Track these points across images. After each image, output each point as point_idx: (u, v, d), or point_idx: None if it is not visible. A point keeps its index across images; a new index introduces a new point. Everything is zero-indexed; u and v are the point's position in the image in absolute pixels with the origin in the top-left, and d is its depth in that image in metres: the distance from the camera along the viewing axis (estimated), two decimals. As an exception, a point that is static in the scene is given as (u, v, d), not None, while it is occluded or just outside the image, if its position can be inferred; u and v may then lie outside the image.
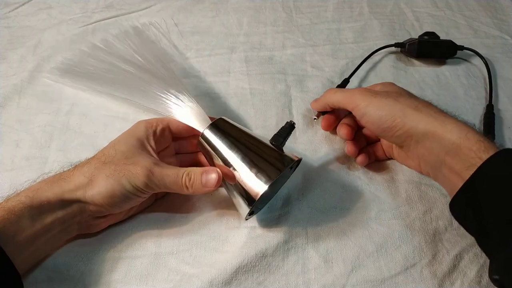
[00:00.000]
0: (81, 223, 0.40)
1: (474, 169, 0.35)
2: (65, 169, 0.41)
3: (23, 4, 0.74)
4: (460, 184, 0.36)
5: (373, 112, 0.42)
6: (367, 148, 0.49)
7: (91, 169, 0.39)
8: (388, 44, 0.62)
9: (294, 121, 0.43)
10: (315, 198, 0.45)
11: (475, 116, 0.54)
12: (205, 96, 0.56)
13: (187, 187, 0.39)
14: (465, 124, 0.38)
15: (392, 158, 0.49)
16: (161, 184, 0.39)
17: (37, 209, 0.36)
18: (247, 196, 0.39)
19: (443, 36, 0.61)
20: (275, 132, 0.43)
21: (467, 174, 0.35)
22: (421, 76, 0.60)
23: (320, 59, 0.62)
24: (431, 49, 0.60)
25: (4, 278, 0.33)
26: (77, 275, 0.40)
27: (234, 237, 0.42)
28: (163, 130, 0.44)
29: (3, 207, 0.36)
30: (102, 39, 0.62)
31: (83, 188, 0.38)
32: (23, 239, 0.35)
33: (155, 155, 0.41)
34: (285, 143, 0.42)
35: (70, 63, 0.59)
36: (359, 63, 0.60)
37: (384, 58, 0.62)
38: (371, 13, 0.70)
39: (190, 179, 0.39)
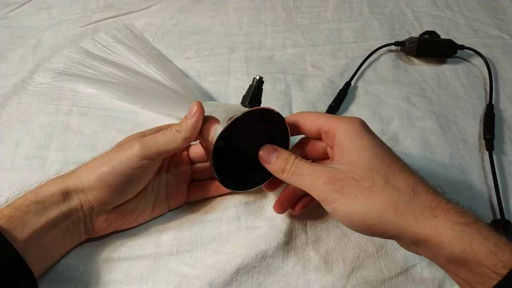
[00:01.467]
0: (86, 223, 0.39)
1: (492, 284, 0.27)
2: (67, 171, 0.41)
3: (23, 4, 0.74)
4: None
5: (343, 216, 0.33)
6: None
7: (93, 161, 0.39)
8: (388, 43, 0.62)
9: (262, 76, 0.41)
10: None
11: (475, 116, 0.54)
12: (205, 96, 0.56)
13: (178, 131, 0.38)
14: (465, 223, 0.29)
15: None
16: (156, 144, 0.38)
17: (41, 204, 0.36)
18: (212, 148, 0.37)
19: (443, 36, 0.61)
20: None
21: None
22: (421, 76, 0.59)
23: (320, 58, 0.62)
24: (431, 48, 0.60)
25: (17, 276, 0.33)
26: (76, 275, 0.40)
27: (234, 238, 0.42)
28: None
29: (11, 206, 0.36)
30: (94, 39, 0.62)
31: (81, 176, 0.38)
32: (30, 235, 0.35)
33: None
34: (257, 100, 0.40)
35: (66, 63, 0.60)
36: (359, 62, 0.60)
37: (385, 57, 0.62)
38: (371, 13, 0.70)
39: (178, 125, 0.39)
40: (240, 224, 0.43)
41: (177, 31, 0.67)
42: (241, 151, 0.39)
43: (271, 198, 0.45)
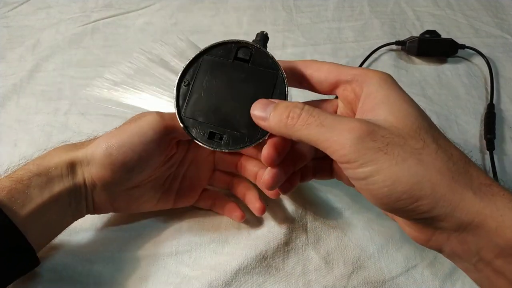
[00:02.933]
0: (87, 200, 0.37)
1: None
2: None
3: (22, 4, 0.73)
4: None
5: (382, 184, 0.25)
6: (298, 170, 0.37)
7: (106, 134, 0.36)
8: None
9: (267, 31, 0.37)
10: (315, 199, 0.45)
11: (476, 116, 0.54)
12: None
13: None
14: None
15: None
16: (174, 116, 0.34)
17: (45, 177, 0.34)
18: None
19: (444, 35, 0.61)
20: None
21: None
22: (422, 75, 0.59)
23: (320, 58, 0.61)
24: (432, 47, 0.60)
25: (18, 253, 0.32)
26: (75, 275, 0.39)
27: (234, 239, 0.42)
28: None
29: (11, 177, 0.33)
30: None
31: (87, 148, 0.35)
32: (32, 209, 0.33)
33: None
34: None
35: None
36: (360, 62, 0.60)
37: (385, 56, 0.62)
38: (372, 12, 0.70)
39: None
40: (240, 225, 0.43)
41: (176, 30, 0.67)
42: (217, 98, 0.33)
43: (271, 199, 0.45)
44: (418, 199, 0.24)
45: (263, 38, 0.36)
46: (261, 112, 0.31)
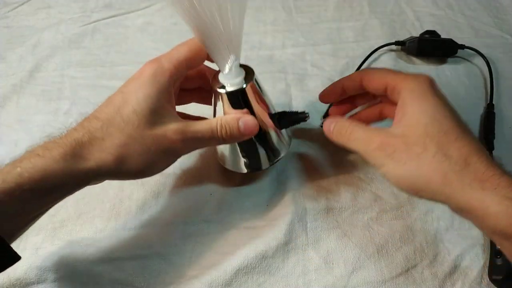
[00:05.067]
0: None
1: None
2: (76, 136, 0.33)
3: (22, 4, 0.73)
4: None
5: (392, 181, 0.33)
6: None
7: (114, 145, 0.33)
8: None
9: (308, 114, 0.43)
10: (315, 199, 0.45)
11: (476, 116, 0.54)
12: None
13: (224, 139, 0.37)
14: None
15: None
16: (196, 144, 0.38)
17: (46, 190, 0.31)
18: (272, 152, 0.43)
19: (444, 36, 0.61)
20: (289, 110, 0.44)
21: None
22: (421, 76, 0.59)
23: (320, 58, 0.62)
24: (432, 47, 0.60)
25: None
26: (75, 275, 0.40)
27: (234, 238, 0.42)
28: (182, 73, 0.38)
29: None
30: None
31: (109, 166, 0.33)
32: (27, 220, 0.32)
33: (174, 111, 0.37)
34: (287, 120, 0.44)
35: None
36: (359, 62, 0.60)
37: (385, 57, 0.62)
38: (372, 12, 0.70)
39: (227, 131, 0.37)
40: (240, 224, 0.43)
41: (176, 30, 0.67)
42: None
43: (271, 198, 0.45)
44: (419, 191, 0.32)
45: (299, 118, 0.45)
46: (327, 125, 0.39)
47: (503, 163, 0.48)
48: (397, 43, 0.62)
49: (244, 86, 0.38)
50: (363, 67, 0.60)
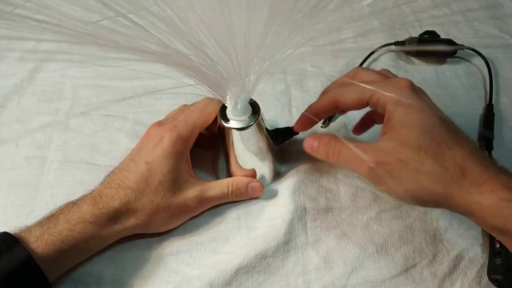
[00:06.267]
0: None
1: None
2: (116, 207, 0.38)
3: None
4: None
5: (394, 196, 0.36)
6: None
7: (145, 214, 0.39)
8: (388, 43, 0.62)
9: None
10: (314, 198, 0.45)
11: (475, 116, 0.54)
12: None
13: (233, 200, 0.44)
14: (510, 200, 0.30)
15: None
16: (209, 205, 0.44)
17: (89, 250, 0.39)
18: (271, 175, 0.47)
19: (443, 36, 0.61)
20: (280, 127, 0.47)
21: None
22: (421, 75, 0.59)
23: (320, 58, 0.62)
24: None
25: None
26: (75, 276, 0.40)
27: (234, 238, 0.42)
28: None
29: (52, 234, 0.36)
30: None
31: (139, 229, 0.40)
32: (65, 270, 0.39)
33: (190, 170, 0.43)
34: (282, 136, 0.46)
35: None
36: (359, 62, 0.60)
37: (384, 57, 0.62)
38: (371, 12, 0.70)
39: (236, 195, 0.43)
40: (240, 224, 0.43)
41: (177, 30, 0.67)
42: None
43: (271, 198, 0.45)
44: (422, 203, 0.33)
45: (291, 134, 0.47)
46: (308, 144, 0.38)
47: (503, 164, 0.48)
48: (396, 43, 0.62)
49: (252, 123, 0.40)
50: (362, 67, 0.60)
